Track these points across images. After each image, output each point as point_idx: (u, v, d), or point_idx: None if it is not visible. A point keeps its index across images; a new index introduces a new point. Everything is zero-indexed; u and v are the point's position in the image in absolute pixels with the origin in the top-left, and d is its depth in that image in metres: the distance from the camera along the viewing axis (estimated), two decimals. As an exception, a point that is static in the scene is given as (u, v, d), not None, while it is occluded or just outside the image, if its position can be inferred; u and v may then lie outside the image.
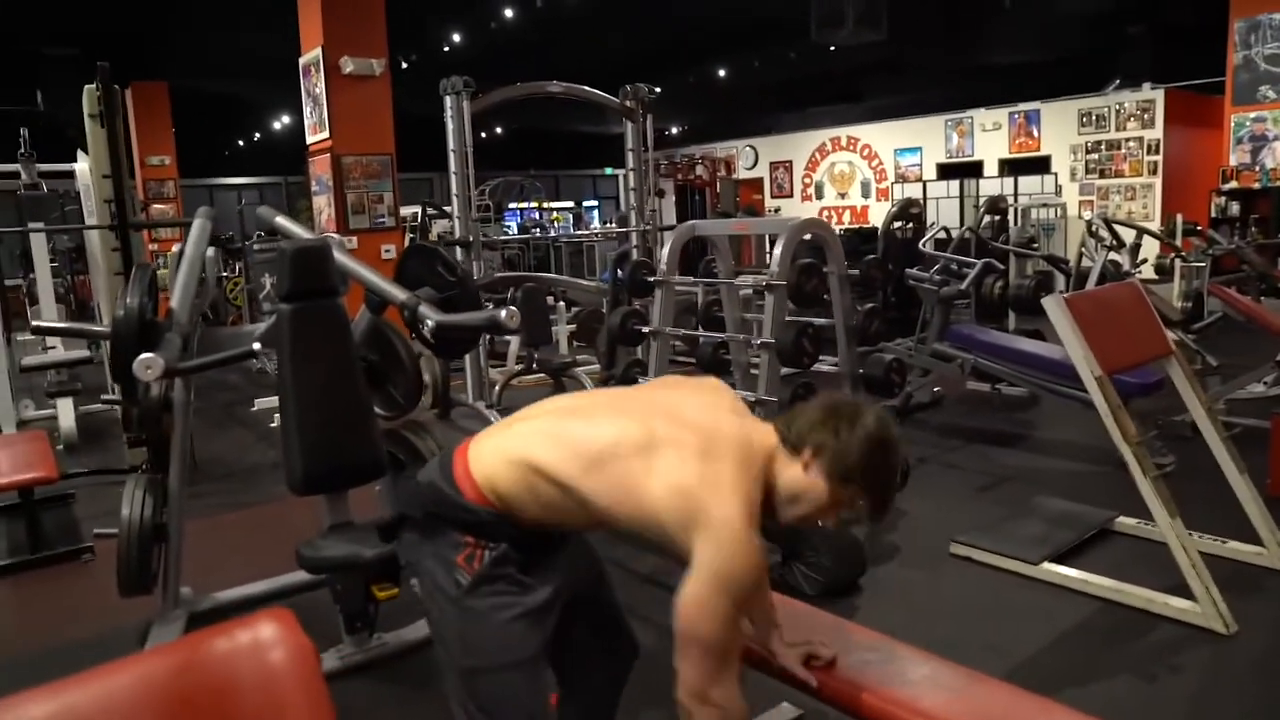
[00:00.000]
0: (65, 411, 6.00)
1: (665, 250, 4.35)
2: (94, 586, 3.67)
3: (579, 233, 15.71)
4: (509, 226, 15.54)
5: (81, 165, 5.98)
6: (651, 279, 4.28)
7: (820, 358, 3.93)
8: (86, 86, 4.66)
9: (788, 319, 3.85)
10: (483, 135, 20.94)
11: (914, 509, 4.11)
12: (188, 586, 3.34)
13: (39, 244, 6.17)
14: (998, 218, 7.55)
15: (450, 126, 6.01)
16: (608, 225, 16.34)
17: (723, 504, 1.44)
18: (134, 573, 2.98)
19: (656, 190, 17.99)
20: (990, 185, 12.85)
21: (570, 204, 19.86)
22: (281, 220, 3.55)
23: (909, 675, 1.84)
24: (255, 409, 6.85)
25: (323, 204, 7.42)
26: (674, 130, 19.02)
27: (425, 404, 6.82)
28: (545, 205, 18.35)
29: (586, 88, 6.42)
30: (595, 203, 20.40)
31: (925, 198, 13.16)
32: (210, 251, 3.22)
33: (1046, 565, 3.31)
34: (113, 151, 4.35)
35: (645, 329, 4.31)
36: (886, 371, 3.97)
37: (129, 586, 3.01)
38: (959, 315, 7.06)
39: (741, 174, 17.27)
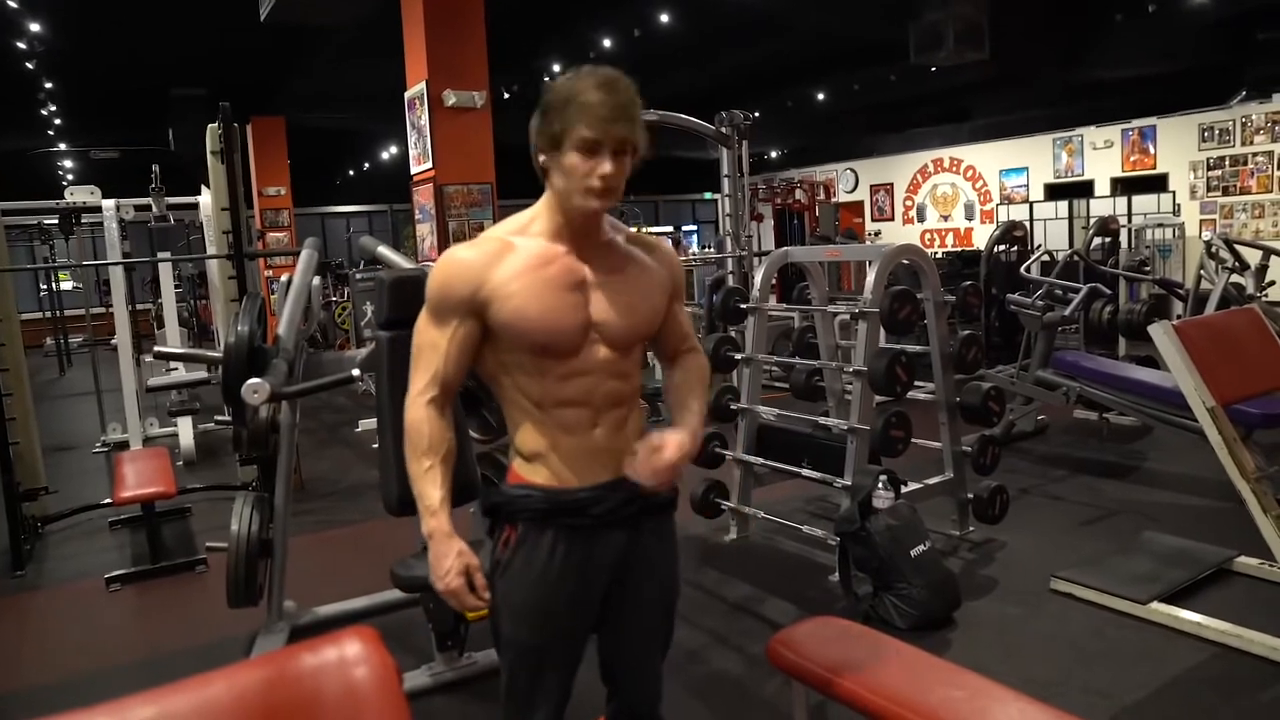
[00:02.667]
0: (185, 430, 6.35)
1: (758, 277, 4.34)
2: (206, 596, 3.86)
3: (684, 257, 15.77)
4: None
5: (204, 198, 6.36)
6: (744, 305, 4.28)
7: (919, 383, 3.86)
8: (210, 125, 4.96)
9: (883, 345, 3.79)
10: (582, 162, 21.30)
11: (1013, 542, 3.97)
12: (291, 600, 3.48)
13: (165, 272, 6.57)
14: (1108, 239, 7.26)
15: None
16: (706, 250, 16.36)
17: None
18: (241, 586, 3.13)
19: (754, 215, 17.91)
20: (1102, 205, 12.37)
21: (669, 228, 19.96)
22: (382, 250, 3.69)
23: (997, 717, 1.78)
24: (359, 430, 7.10)
25: (425, 231, 7.65)
26: (773, 154, 18.96)
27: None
28: (645, 230, 18.49)
29: (682, 115, 6.48)
30: (694, 227, 20.46)
31: (1032, 219, 12.76)
32: (316, 280, 3.38)
33: (1156, 605, 3.15)
34: (231, 186, 4.62)
35: (738, 355, 4.30)
36: (984, 400, 3.85)
37: (237, 599, 3.16)
38: (1065, 341, 6.81)
39: (841, 197, 17.08)
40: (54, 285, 12.55)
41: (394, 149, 16.03)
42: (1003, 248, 6.86)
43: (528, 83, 12.05)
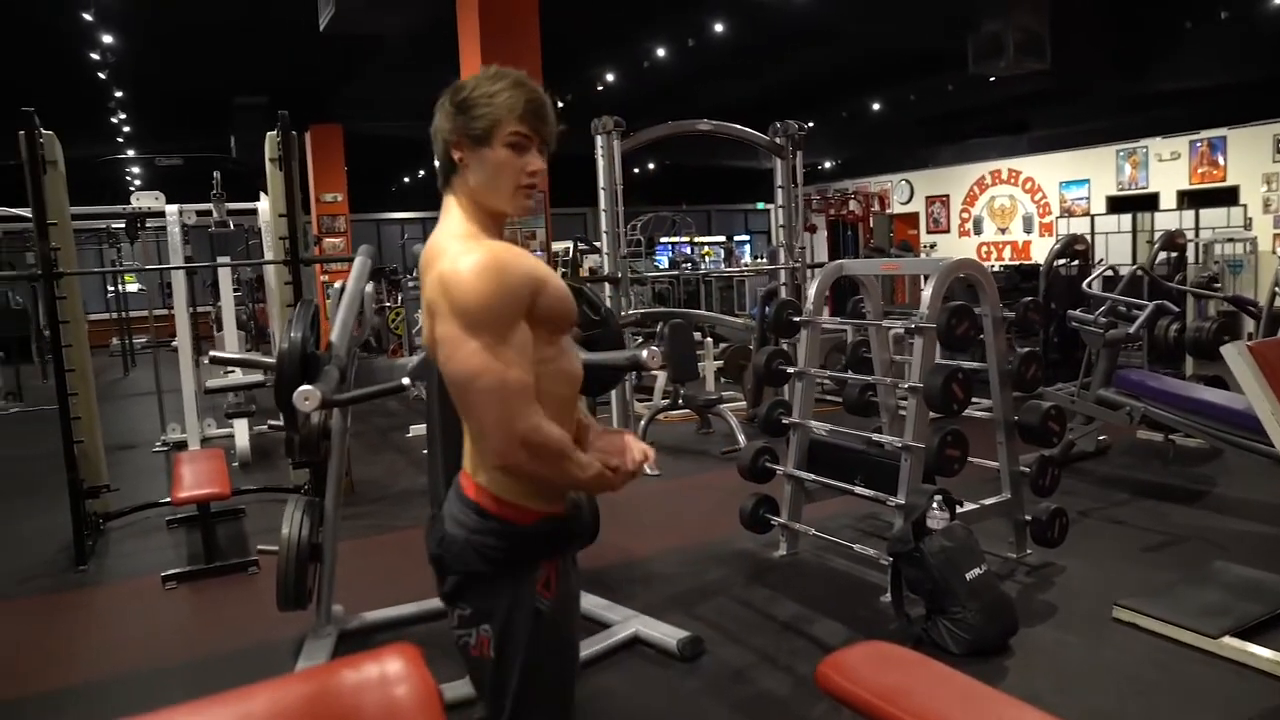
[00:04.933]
0: (241, 432, 6.47)
1: (811, 290, 4.28)
2: (257, 597, 3.91)
3: (728, 268, 15.71)
4: (660, 261, 15.70)
5: (263, 204, 6.48)
6: (796, 319, 4.22)
7: (976, 400, 3.77)
8: (268, 133, 5.05)
9: (939, 362, 3.70)
10: (635, 171, 21.35)
11: (1073, 567, 3.85)
12: (340, 604, 3.50)
13: (225, 276, 6.71)
14: (1174, 254, 7.04)
15: (600, 165, 6.15)
16: (759, 260, 16.27)
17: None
18: (291, 589, 3.16)
19: (807, 226, 17.79)
20: (1167, 219, 12.00)
21: (722, 238, 19.90)
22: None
23: (1059, 755, 1.71)
24: (409, 435, 7.16)
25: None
26: (827, 165, 18.81)
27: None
28: (697, 240, 18.47)
29: (735, 125, 6.44)
30: (747, 237, 20.36)
31: (1093, 233, 12.43)
32: (369, 287, 3.40)
33: (1228, 640, 3.01)
34: (288, 193, 4.69)
35: (790, 369, 4.24)
36: (1044, 419, 3.74)
37: (286, 602, 3.19)
38: (1129, 359, 6.61)
39: (896, 208, 16.85)
40: (120, 287, 12.90)
41: (449, 157, 16.20)
42: (1063, 262, 6.70)
43: (582, 92, 12.12)
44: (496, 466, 1.52)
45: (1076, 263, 6.79)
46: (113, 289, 13.40)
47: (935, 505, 3.27)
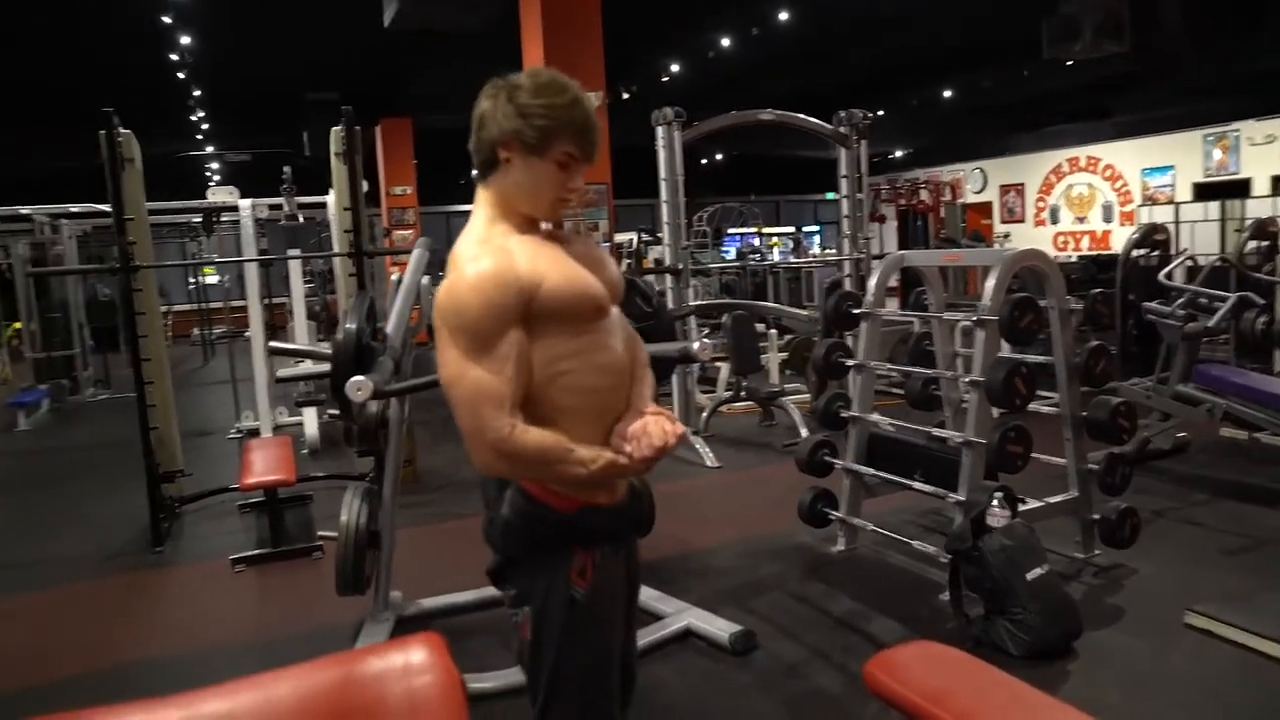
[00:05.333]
0: (310, 420, 6.64)
1: (872, 281, 4.20)
2: (320, 582, 3.99)
3: (794, 259, 15.54)
4: (727, 252, 15.61)
5: (331, 198, 6.63)
6: (856, 311, 4.14)
7: (1044, 394, 3.66)
8: (333, 128, 5.16)
9: (1002, 355, 3.60)
10: (703, 162, 21.25)
11: (1144, 569, 3.71)
12: (398, 591, 3.57)
13: (295, 268, 6.89)
14: (1265, 243, 6.71)
15: (661, 156, 6.13)
16: (828, 251, 16.05)
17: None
18: (349, 575, 3.23)
19: (876, 216, 17.49)
20: (1260, 206, 11.47)
21: (790, 229, 19.70)
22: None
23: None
24: (474, 424, 7.25)
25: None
26: (898, 154, 18.45)
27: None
28: (765, 230, 18.33)
29: (799, 115, 6.35)
30: (816, 228, 20.12)
31: (1177, 221, 11.94)
32: (426, 279, 3.45)
33: (1308, 649, 2.87)
34: (352, 186, 4.78)
35: (850, 362, 4.17)
36: (1113, 415, 3.60)
37: (344, 587, 3.26)
38: (1213, 353, 6.34)
39: (969, 198, 16.45)
40: (200, 280, 13.37)
41: (516, 150, 16.36)
42: (1142, 252, 6.44)
43: (647, 83, 12.10)
44: (482, 472, 1.57)
45: (1156, 253, 6.52)
46: (193, 281, 13.89)
47: (996, 502, 3.18)
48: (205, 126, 12.36)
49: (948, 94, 13.50)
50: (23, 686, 3.22)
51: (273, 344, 3.50)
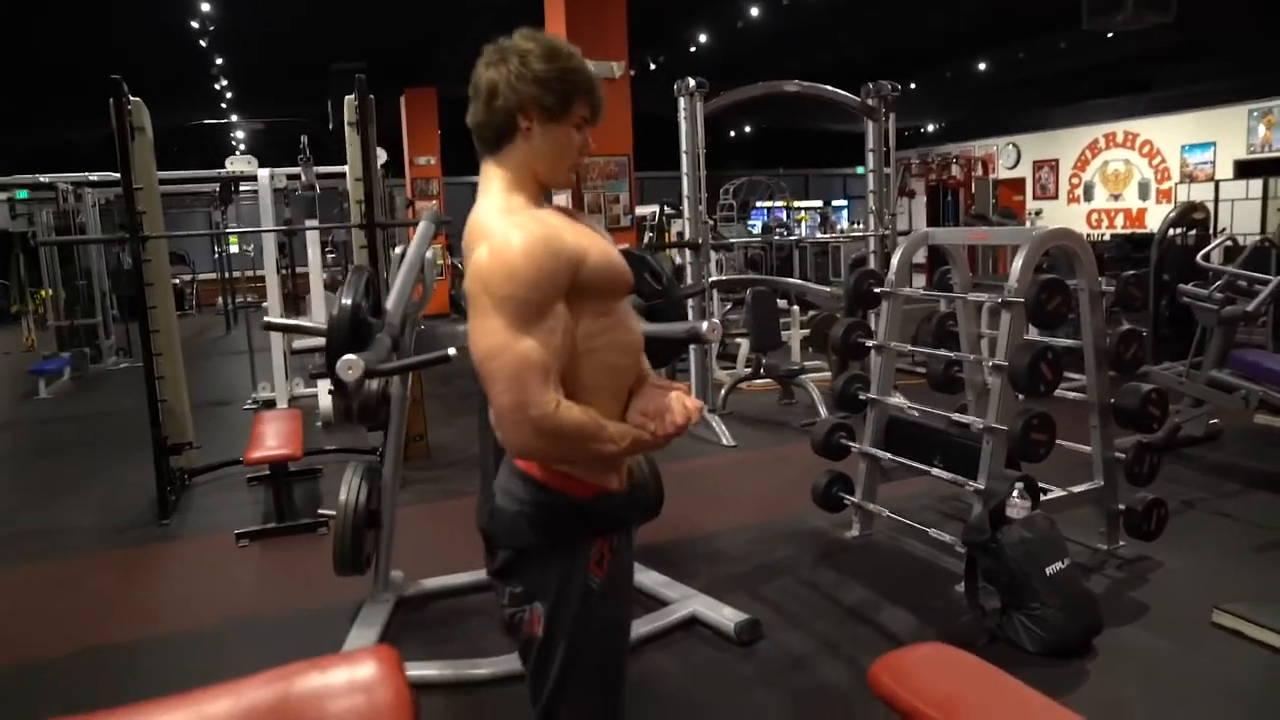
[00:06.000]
0: (324, 392, 6.59)
1: (894, 259, 4.05)
2: (323, 559, 3.87)
3: (820, 234, 15.31)
4: (754, 226, 15.41)
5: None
6: (878, 289, 4.00)
7: (1071, 376, 3.51)
8: (346, 97, 5.05)
9: (1029, 338, 3.45)
10: (731, 134, 20.97)
11: (1171, 563, 3.56)
12: (400, 570, 3.51)
13: (312, 239, 6.82)
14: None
15: (683, 127, 5.98)
16: (855, 226, 15.80)
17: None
18: (347, 554, 3.17)
19: (905, 191, 17.14)
20: (1304, 186, 11.09)
21: (819, 203, 19.42)
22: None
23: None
24: (489, 399, 7.18)
25: (561, 203, 7.64)
26: (930, 128, 18.07)
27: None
28: (793, 205, 18.06)
29: (824, 86, 6.17)
30: (845, 202, 19.83)
31: (1217, 200, 11.59)
32: (430, 253, 3.35)
33: (1343, 653, 2.73)
34: (365, 156, 4.68)
35: (869, 342, 4.04)
36: (1143, 403, 3.45)
37: (343, 567, 3.20)
38: (1251, 338, 6.12)
39: (1001, 173, 16.10)
40: (224, 248, 13.37)
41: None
42: (1178, 231, 6.22)
43: (674, 53, 11.88)
44: (515, 454, 1.48)
45: (1194, 232, 6.30)
46: (218, 250, 13.91)
47: (1016, 493, 3.05)
48: (229, 96, 12.30)
49: (982, 66, 13.15)
50: (12, 661, 3.20)
51: (267, 319, 3.41)
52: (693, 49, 11.32)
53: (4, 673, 3.10)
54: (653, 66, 11.90)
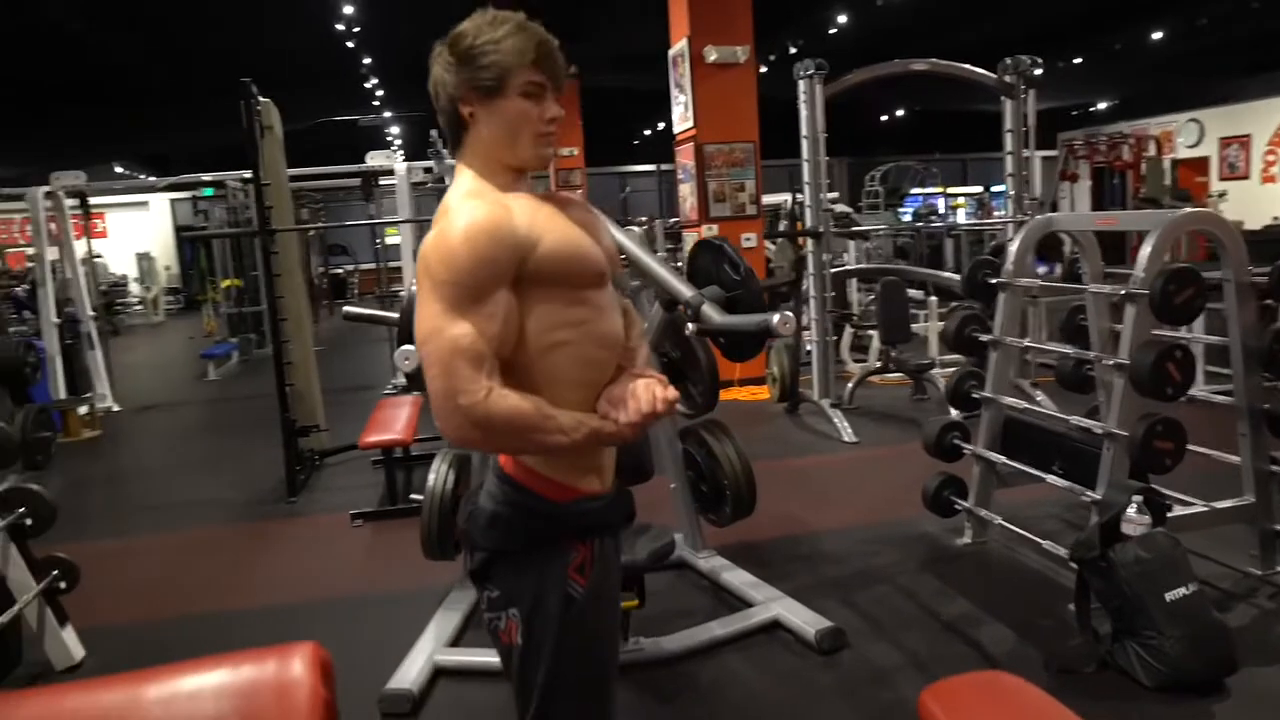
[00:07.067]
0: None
1: (1013, 247, 3.75)
2: (426, 544, 4.06)
3: (965, 221, 14.56)
4: (905, 213, 14.85)
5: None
6: (993, 280, 3.72)
7: (1217, 370, 3.15)
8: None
9: (1158, 335, 3.12)
10: (883, 118, 20.26)
11: (1330, 594, 3.14)
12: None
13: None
14: None
15: (803, 112, 5.77)
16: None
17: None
18: (434, 540, 3.23)
19: (1068, 175, 16.04)
20: None
21: (978, 189, 18.50)
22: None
23: None
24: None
25: (686, 192, 7.58)
26: (1101, 106, 16.82)
27: (774, 397, 6.73)
28: (949, 191, 17.25)
29: (956, 63, 5.80)
30: (1004, 187, 18.84)
31: None
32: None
33: None
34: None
35: (984, 337, 3.76)
36: (1300, 410, 3.05)
37: (431, 551, 3.27)
38: None
39: (1181, 153, 14.80)
40: (382, 240, 14.07)
41: (684, 109, 16.16)
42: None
43: (813, 36, 11.56)
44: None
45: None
46: (378, 242, 14.68)
47: (1134, 507, 2.75)
48: (380, 93, 12.90)
49: (1157, 35, 12.10)
50: (133, 620, 3.46)
51: (347, 309, 3.52)
52: (831, 30, 10.97)
53: (115, 629, 3.35)
54: (792, 51, 11.62)
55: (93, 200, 7.94)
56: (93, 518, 4.83)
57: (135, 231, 18.04)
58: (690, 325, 2.88)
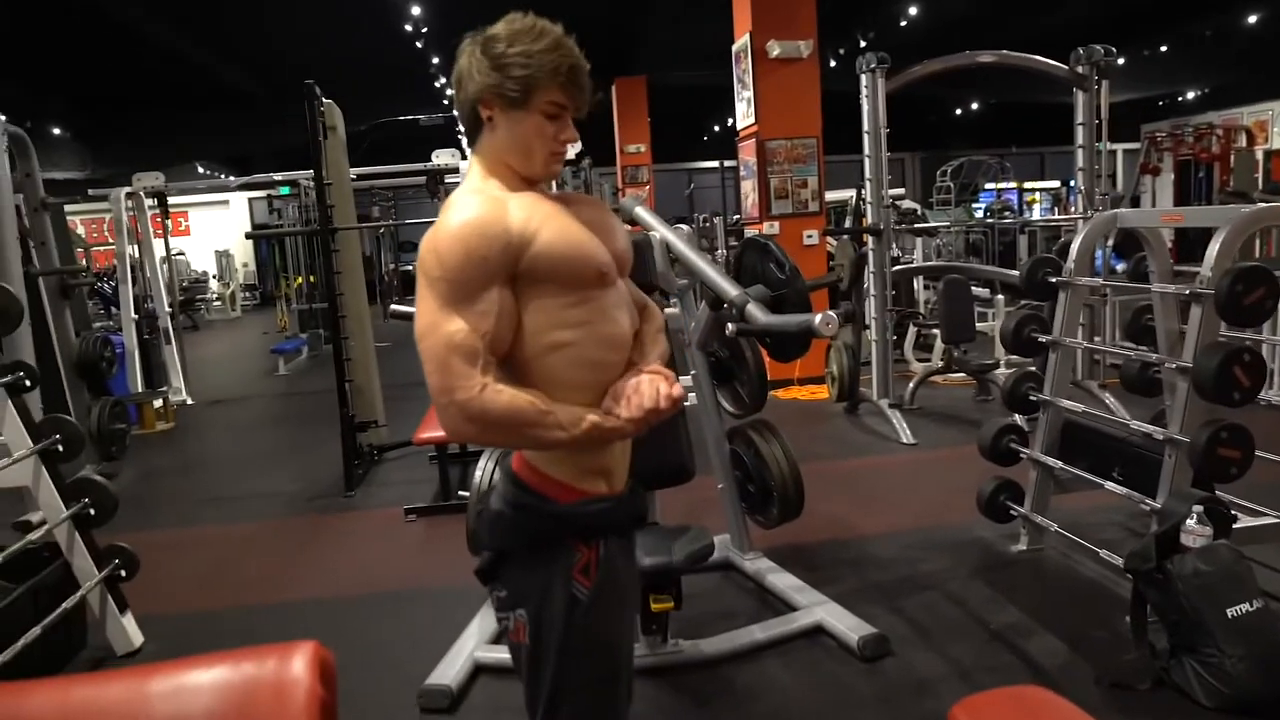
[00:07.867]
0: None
1: (1075, 245, 3.62)
2: (475, 539, 4.11)
3: (1037, 217, 14.13)
4: (979, 209, 14.49)
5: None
6: (1053, 279, 3.60)
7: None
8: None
9: (1224, 337, 2.97)
10: (958, 112, 19.79)
11: None
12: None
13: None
14: None
15: (865, 106, 5.67)
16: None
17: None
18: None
19: (1150, 168, 15.42)
20: None
21: (1055, 183, 17.95)
22: (640, 211, 3.60)
23: None
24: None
25: (749, 189, 7.52)
26: (1189, 95, 16.13)
27: (833, 396, 6.63)
28: (1026, 186, 16.76)
29: (1024, 55, 5.63)
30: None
31: None
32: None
33: None
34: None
35: (1044, 338, 3.64)
36: (1381, 417, 2.87)
37: (475, 548, 3.30)
38: None
39: (1276, 143, 14.10)
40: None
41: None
42: None
43: (885, 29, 11.34)
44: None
45: None
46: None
47: (1195, 518, 2.63)
48: (450, 93, 13.08)
49: (1252, 19, 11.55)
50: (191, 608, 3.57)
51: (394, 307, 3.57)
52: (903, 23, 10.75)
53: (173, 617, 3.46)
54: (862, 45, 11.43)
55: (177, 200, 8.23)
56: (161, 507, 5.02)
57: (216, 229, 18.73)
58: (730, 325, 2.85)
